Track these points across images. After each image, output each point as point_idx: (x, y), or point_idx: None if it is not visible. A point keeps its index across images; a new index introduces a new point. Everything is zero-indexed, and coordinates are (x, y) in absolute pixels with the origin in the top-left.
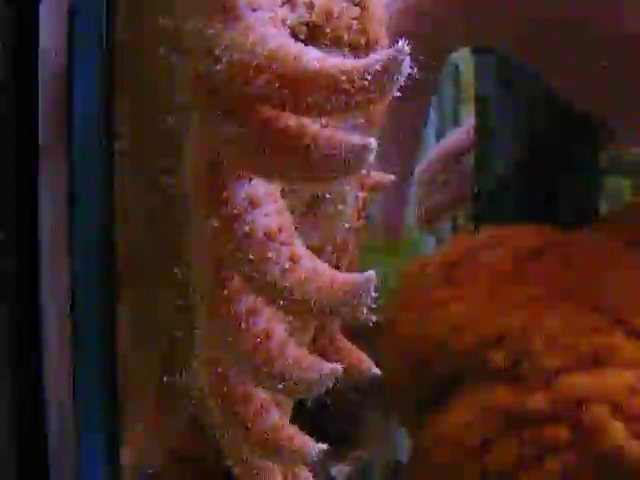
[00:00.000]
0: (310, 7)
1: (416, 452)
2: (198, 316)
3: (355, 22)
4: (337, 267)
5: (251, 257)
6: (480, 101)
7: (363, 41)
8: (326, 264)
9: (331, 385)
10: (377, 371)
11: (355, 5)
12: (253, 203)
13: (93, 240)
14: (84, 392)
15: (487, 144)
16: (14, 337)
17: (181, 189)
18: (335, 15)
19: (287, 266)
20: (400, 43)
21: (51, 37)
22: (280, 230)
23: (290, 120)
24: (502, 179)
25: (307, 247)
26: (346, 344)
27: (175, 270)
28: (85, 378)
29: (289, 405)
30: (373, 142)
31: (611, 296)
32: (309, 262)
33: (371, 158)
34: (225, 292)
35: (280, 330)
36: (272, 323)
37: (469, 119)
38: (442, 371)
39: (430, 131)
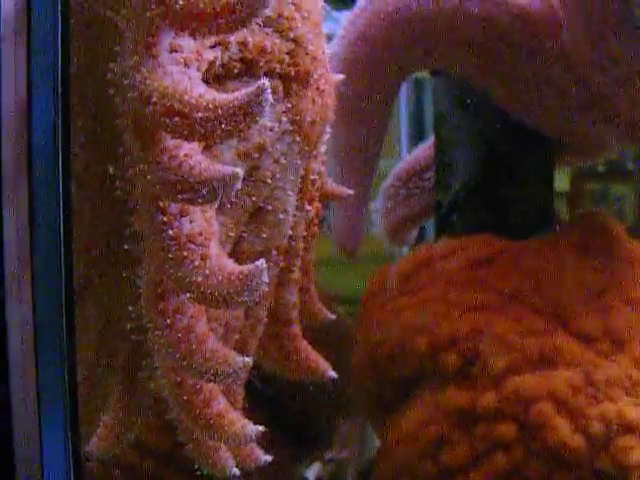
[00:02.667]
0: (244, 45)
1: (380, 451)
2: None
3: (287, 56)
4: (287, 269)
5: (170, 256)
6: (437, 119)
7: (293, 72)
8: (231, 260)
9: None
10: (333, 374)
11: (288, 40)
12: (182, 212)
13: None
14: (46, 387)
15: (444, 160)
16: None
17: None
18: (268, 50)
19: (197, 263)
20: (263, 81)
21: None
22: (200, 234)
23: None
24: (458, 192)
25: (253, 251)
26: (306, 347)
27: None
28: (46, 375)
29: (240, 393)
30: (239, 172)
31: (556, 300)
32: (216, 260)
33: (237, 184)
34: (159, 290)
35: (201, 326)
36: (194, 320)
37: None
38: (402, 373)
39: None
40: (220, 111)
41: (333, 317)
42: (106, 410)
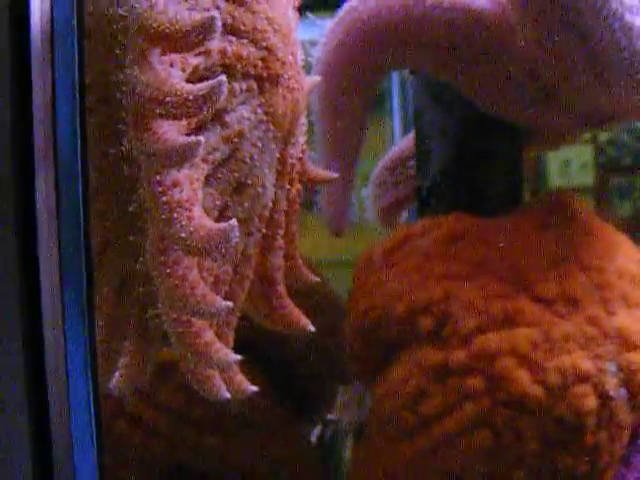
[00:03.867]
0: (224, 53)
1: (370, 408)
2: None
3: (260, 62)
4: (272, 237)
5: (164, 217)
6: (416, 113)
7: (266, 74)
8: (211, 220)
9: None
10: (312, 328)
11: (262, 49)
12: (174, 183)
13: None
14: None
15: (423, 149)
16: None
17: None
18: (244, 57)
19: (184, 223)
20: (221, 77)
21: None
22: (187, 201)
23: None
24: (436, 178)
25: (237, 218)
26: (290, 304)
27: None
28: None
29: (230, 336)
30: (200, 139)
31: (519, 268)
32: (198, 220)
33: (198, 152)
34: (160, 247)
35: (194, 275)
36: (188, 270)
37: None
38: (386, 337)
39: None
40: (188, 96)
41: (317, 279)
42: (124, 352)
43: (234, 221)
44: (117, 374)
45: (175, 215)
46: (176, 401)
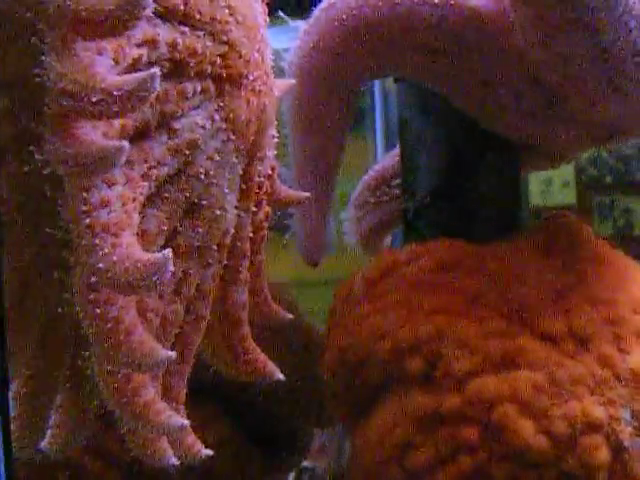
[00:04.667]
0: (174, 46)
1: (350, 457)
2: None
3: (219, 59)
4: (234, 269)
5: (84, 243)
6: (401, 126)
7: (225, 74)
8: (140, 250)
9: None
10: (280, 376)
11: (221, 44)
12: (102, 202)
13: None
14: None
15: (409, 166)
16: None
17: None
18: (199, 52)
19: (106, 251)
20: (153, 69)
21: None
22: (115, 224)
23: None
24: (423, 198)
25: (190, 246)
26: (255, 348)
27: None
28: None
29: (181, 388)
30: (124, 144)
31: (519, 301)
32: (125, 249)
33: (123, 155)
34: (90, 281)
35: (130, 317)
36: (124, 311)
37: None
38: (369, 379)
39: None
40: (113, 91)
41: (289, 317)
42: (55, 406)
43: (168, 251)
44: (49, 433)
45: (97, 241)
46: (126, 453)
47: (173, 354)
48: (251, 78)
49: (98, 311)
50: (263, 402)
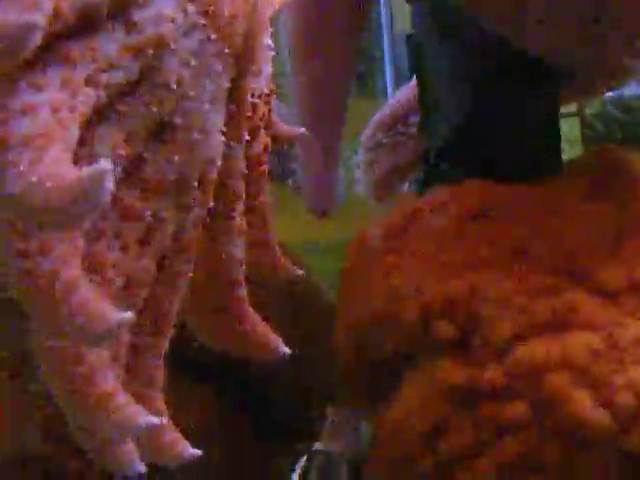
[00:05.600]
0: None
1: (371, 445)
2: None
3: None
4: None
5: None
6: (416, 52)
7: None
8: (71, 166)
9: None
10: (286, 350)
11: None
12: (24, 110)
13: None
14: None
15: (428, 100)
16: None
17: None
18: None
19: (21, 169)
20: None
21: None
22: (41, 135)
23: None
24: (447, 137)
25: (162, 179)
26: (253, 315)
27: None
28: None
29: (157, 367)
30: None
31: (568, 252)
32: (51, 167)
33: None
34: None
35: (70, 271)
36: (61, 262)
37: None
38: (389, 349)
39: None
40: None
41: (300, 272)
42: None
43: (104, 163)
44: None
45: (10, 157)
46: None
47: (130, 316)
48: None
49: (27, 265)
50: (264, 375)
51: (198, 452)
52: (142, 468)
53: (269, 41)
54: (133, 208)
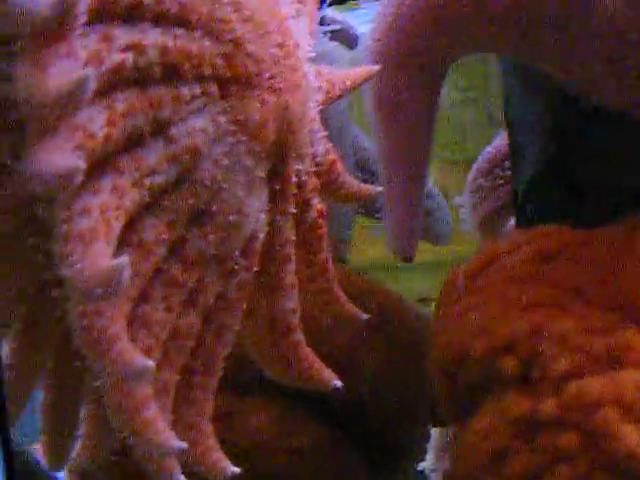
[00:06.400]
0: (164, 49)
1: (452, 461)
2: None
3: (221, 59)
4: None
5: (58, 250)
6: (505, 101)
7: (230, 74)
8: (107, 258)
9: None
10: (338, 383)
11: (224, 43)
12: (84, 210)
13: None
14: None
15: (516, 146)
16: None
17: None
18: (194, 54)
19: (74, 258)
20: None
21: None
22: (90, 231)
23: None
24: (531, 180)
25: (202, 255)
26: (308, 354)
27: None
28: None
29: (206, 400)
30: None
31: (627, 293)
32: (93, 257)
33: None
34: None
35: (115, 328)
36: (109, 321)
37: None
38: (468, 379)
39: None
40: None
41: (364, 316)
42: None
43: (125, 258)
44: (78, 445)
45: (68, 249)
46: None
47: (151, 364)
48: (267, 76)
49: (85, 322)
50: (365, 403)
51: (237, 470)
52: (182, 478)
53: (316, 125)
54: (176, 278)
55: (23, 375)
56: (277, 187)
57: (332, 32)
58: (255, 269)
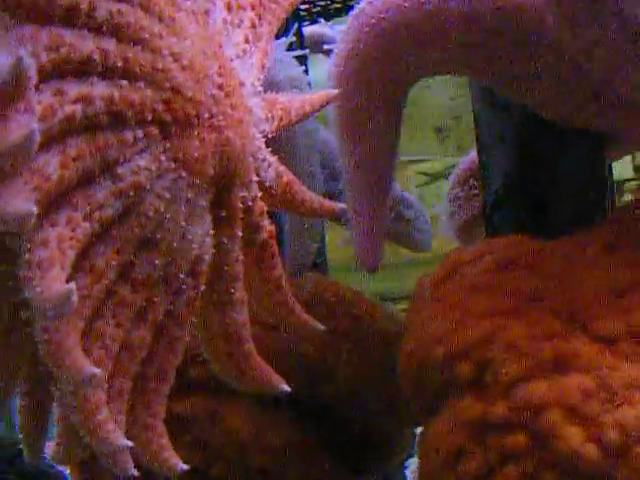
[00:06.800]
0: (110, 100)
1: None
2: None
3: (162, 105)
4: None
5: (23, 275)
6: (474, 119)
7: (170, 118)
8: (59, 283)
9: None
10: (286, 388)
11: (164, 90)
12: (43, 242)
13: None
14: None
15: (484, 160)
16: None
17: None
18: (137, 102)
19: (34, 282)
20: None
21: None
22: (47, 259)
23: None
24: (498, 192)
25: (150, 278)
26: (259, 363)
27: None
28: None
29: (158, 404)
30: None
31: (576, 301)
32: (48, 281)
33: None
34: None
35: (70, 340)
36: (64, 335)
37: None
38: (429, 384)
39: None
40: None
41: (321, 327)
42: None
43: (73, 284)
44: (53, 445)
45: (29, 274)
46: (192, 458)
47: (98, 372)
48: (206, 116)
49: (45, 337)
50: (342, 406)
51: (185, 467)
52: (134, 472)
53: (262, 154)
54: (125, 298)
55: (3, 382)
56: (223, 214)
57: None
58: (204, 287)
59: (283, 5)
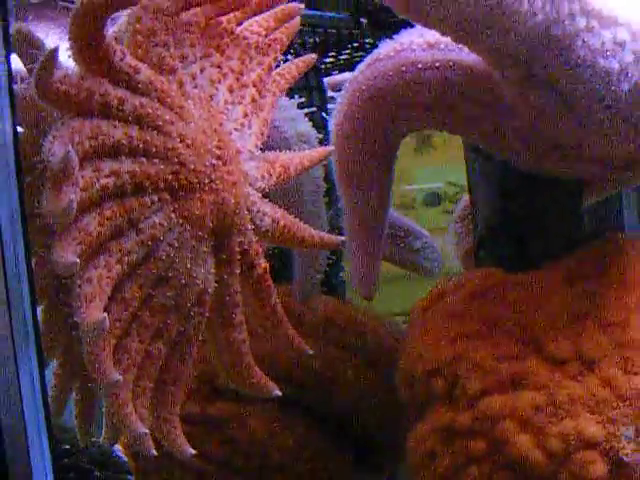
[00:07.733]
0: (133, 174)
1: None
2: None
3: (171, 175)
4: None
5: (74, 305)
6: (465, 162)
7: (177, 185)
8: (98, 311)
9: None
10: (278, 392)
11: (173, 164)
12: (88, 279)
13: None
14: None
15: (472, 200)
16: None
17: None
18: (153, 174)
19: (81, 311)
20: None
21: None
22: (90, 293)
23: None
24: (482, 230)
25: (165, 306)
26: (257, 373)
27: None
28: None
29: (177, 395)
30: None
31: (534, 327)
32: (89, 310)
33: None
34: None
35: (105, 353)
36: (101, 349)
37: None
38: (415, 396)
39: None
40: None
41: (309, 351)
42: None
43: (104, 315)
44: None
45: (78, 304)
46: (222, 452)
47: (120, 378)
48: (206, 182)
49: (87, 349)
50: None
51: (192, 451)
52: (154, 452)
53: (257, 207)
54: (146, 321)
55: (63, 385)
56: (223, 256)
57: None
58: (210, 313)
59: (287, 78)
